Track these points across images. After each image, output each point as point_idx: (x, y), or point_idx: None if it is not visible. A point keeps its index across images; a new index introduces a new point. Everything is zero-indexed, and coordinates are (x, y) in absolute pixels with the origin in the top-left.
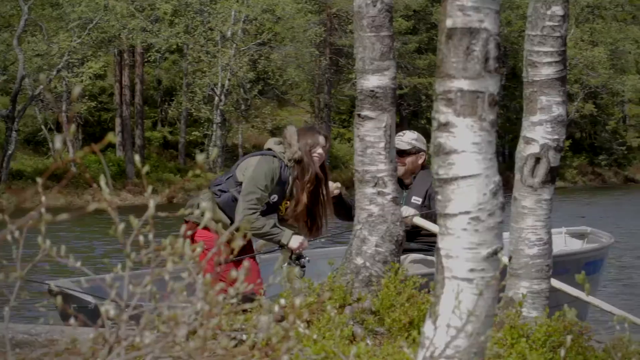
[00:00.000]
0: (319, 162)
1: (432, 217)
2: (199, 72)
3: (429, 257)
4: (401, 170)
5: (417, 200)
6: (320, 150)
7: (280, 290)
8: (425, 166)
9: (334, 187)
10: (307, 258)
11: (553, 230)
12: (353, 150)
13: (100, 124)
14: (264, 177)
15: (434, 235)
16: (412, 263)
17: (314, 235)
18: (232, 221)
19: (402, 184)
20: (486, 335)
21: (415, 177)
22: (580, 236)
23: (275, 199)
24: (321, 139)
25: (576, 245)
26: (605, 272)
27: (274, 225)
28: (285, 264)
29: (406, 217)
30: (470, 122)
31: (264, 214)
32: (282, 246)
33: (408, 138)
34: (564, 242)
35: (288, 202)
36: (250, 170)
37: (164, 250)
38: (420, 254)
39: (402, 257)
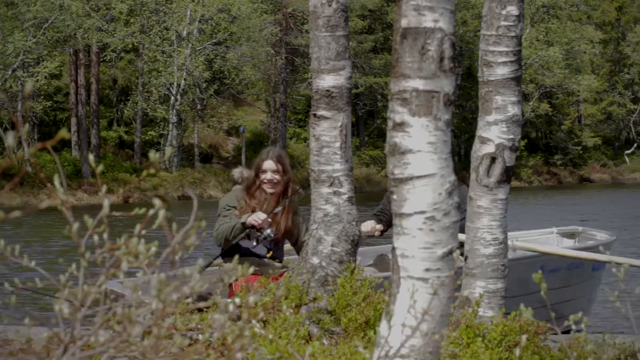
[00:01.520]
0: (270, 187)
1: None
2: (155, 72)
3: None
4: None
5: None
6: (266, 176)
7: None
8: None
9: (373, 229)
10: (268, 231)
11: (544, 230)
12: (309, 150)
13: (56, 123)
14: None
15: None
16: None
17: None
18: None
19: None
20: (441, 334)
21: None
22: (571, 235)
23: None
24: (265, 164)
25: (567, 244)
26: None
27: (230, 222)
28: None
29: None
30: (426, 121)
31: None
32: (247, 228)
33: None
34: (555, 242)
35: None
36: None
37: (118, 250)
38: None
39: None
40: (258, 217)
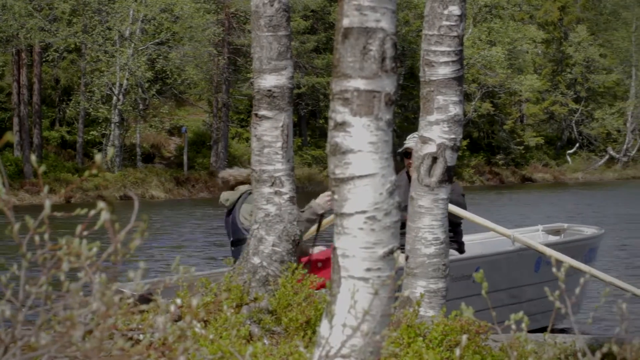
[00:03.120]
0: None
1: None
2: (97, 72)
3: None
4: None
5: None
6: None
7: None
8: None
9: None
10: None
11: (530, 228)
12: (251, 150)
13: None
14: None
15: None
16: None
17: None
18: None
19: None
20: (382, 334)
21: None
22: (557, 232)
23: None
24: None
25: (553, 241)
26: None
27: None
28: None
29: None
30: (367, 121)
31: None
32: (321, 216)
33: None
34: (541, 240)
35: None
36: None
37: (59, 250)
38: None
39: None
40: (325, 198)
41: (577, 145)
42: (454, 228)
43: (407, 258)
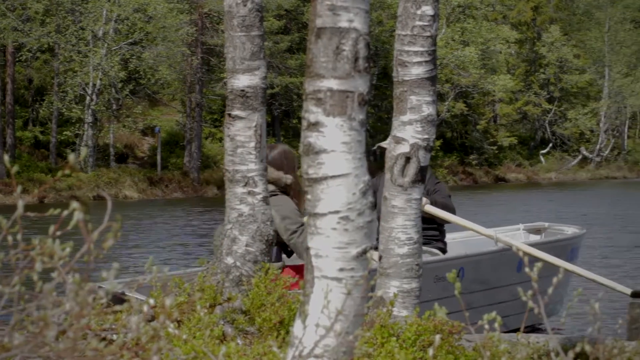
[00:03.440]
0: None
1: (437, 204)
2: (71, 72)
3: (433, 249)
4: None
5: None
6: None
7: None
8: None
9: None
10: None
11: (511, 227)
12: (224, 150)
13: None
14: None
15: (430, 228)
16: None
17: None
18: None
19: None
20: (355, 334)
21: None
22: (537, 231)
23: None
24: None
25: (534, 240)
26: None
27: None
28: None
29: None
30: (340, 121)
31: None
32: None
33: None
34: (522, 238)
35: None
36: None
37: (33, 250)
38: None
39: None
40: None
41: (550, 145)
42: (439, 227)
43: (380, 258)
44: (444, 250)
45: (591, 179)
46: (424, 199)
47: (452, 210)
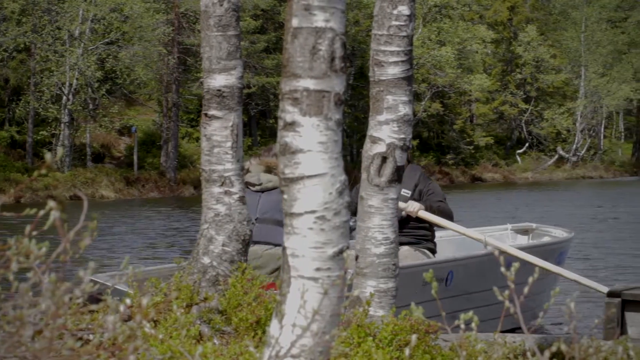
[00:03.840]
0: None
1: (432, 209)
2: (47, 72)
3: (424, 249)
4: None
5: (406, 192)
6: None
7: None
8: (410, 160)
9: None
10: None
11: (499, 227)
12: (201, 150)
13: None
14: None
15: (420, 228)
16: (405, 253)
17: None
18: None
19: None
20: (332, 334)
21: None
22: (525, 232)
23: None
24: None
25: (521, 241)
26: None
27: None
28: None
29: (412, 210)
30: (316, 121)
31: None
32: None
33: None
34: (510, 239)
35: None
36: None
37: (9, 250)
38: (405, 246)
39: None
40: None
41: (527, 145)
42: (430, 228)
43: (357, 258)
44: (433, 251)
45: (567, 178)
46: (417, 204)
47: (449, 215)
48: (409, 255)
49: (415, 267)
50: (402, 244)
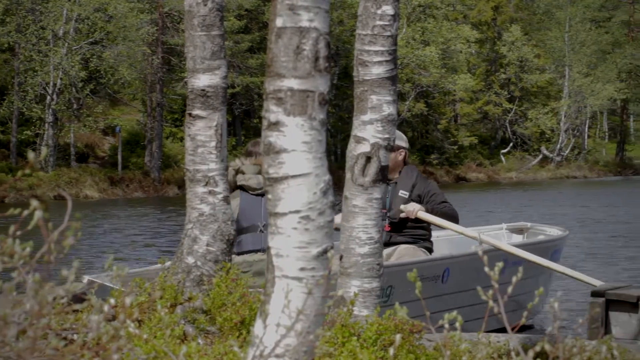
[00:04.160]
0: None
1: (435, 212)
2: (31, 71)
3: (420, 248)
4: None
5: (404, 193)
6: None
7: None
8: (407, 162)
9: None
10: None
11: (494, 227)
12: (185, 150)
13: None
14: None
15: (417, 228)
16: (403, 252)
17: None
18: None
19: None
20: (316, 333)
21: (401, 173)
22: (520, 231)
23: None
24: None
25: (517, 240)
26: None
27: None
28: None
29: (412, 210)
30: (300, 121)
31: None
32: None
33: None
34: (505, 238)
35: None
36: None
37: None
38: (403, 245)
39: (392, 248)
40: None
41: (511, 144)
42: (427, 227)
43: (341, 257)
44: (430, 250)
45: (552, 178)
46: (418, 205)
47: (454, 218)
48: (406, 253)
49: (413, 264)
50: (399, 243)
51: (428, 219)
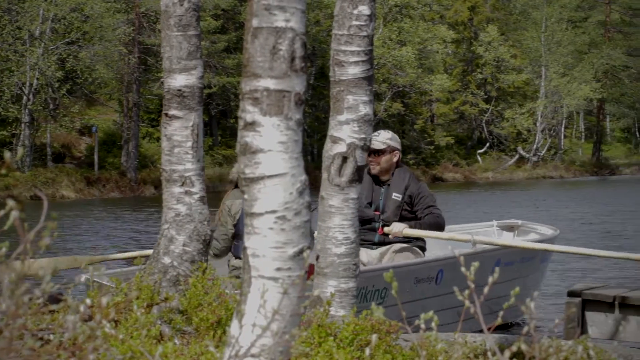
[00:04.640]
0: None
1: (421, 225)
2: (7, 71)
3: (414, 247)
4: (376, 169)
5: (397, 196)
6: None
7: None
8: (400, 164)
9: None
10: None
11: (485, 224)
12: (161, 150)
13: None
14: None
15: None
16: (396, 252)
17: None
18: None
19: (378, 181)
20: (292, 333)
21: (394, 174)
22: (510, 229)
23: None
24: None
25: (507, 237)
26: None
27: None
28: None
29: (397, 231)
30: (277, 121)
31: None
32: None
33: (383, 138)
34: (495, 235)
35: None
36: None
37: None
38: (397, 244)
39: (385, 247)
40: None
41: (488, 144)
42: None
43: (317, 257)
44: (423, 249)
45: (528, 178)
46: (401, 225)
47: (439, 226)
48: (400, 253)
49: (407, 265)
50: (393, 242)
51: (414, 234)
